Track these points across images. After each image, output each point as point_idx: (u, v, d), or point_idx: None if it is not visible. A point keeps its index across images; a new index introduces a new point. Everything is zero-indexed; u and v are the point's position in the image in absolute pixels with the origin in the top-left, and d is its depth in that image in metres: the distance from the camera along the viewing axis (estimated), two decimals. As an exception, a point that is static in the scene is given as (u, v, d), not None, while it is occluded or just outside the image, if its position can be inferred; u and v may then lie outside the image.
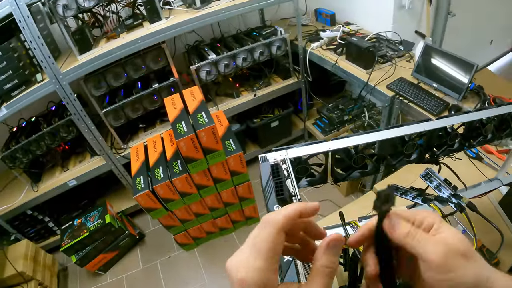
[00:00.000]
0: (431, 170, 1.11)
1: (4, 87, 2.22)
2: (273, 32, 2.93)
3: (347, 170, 1.00)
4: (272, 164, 0.47)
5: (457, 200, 0.99)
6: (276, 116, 3.25)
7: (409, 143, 0.98)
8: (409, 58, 2.53)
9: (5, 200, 2.75)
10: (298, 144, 0.90)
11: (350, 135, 0.93)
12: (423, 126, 0.95)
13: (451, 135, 1.00)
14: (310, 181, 1.00)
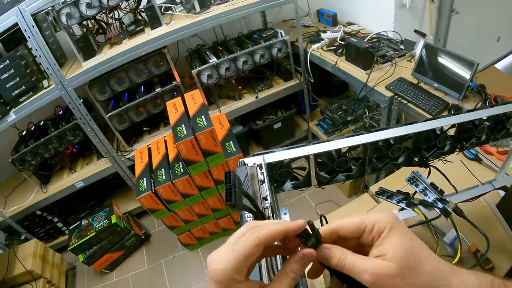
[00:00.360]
0: (417, 173, 1.08)
1: (12, 93, 2.33)
2: (274, 34, 2.96)
3: (331, 173, 0.99)
4: (226, 172, 0.51)
5: (442, 205, 0.97)
6: (279, 118, 3.28)
7: (395, 146, 0.95)
8: (410, 57, 2.52)
9: (16, 201, 2.86)
10: (279, 149, 0.91)
11: (331, 139, 0.92)
12: (406, 129, 0.92)
13: (440, 137, 0.96)
14: (294, 185, 1.00)
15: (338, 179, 1.02)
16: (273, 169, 0.94)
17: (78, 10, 2.19)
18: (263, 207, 0.69)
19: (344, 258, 0.44)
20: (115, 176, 3.08)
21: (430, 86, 2.22)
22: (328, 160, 0.96)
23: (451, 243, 1.14)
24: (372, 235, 0.44)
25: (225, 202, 0.48)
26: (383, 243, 0.43)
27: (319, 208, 2.89)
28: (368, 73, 2.41)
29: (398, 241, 0.42)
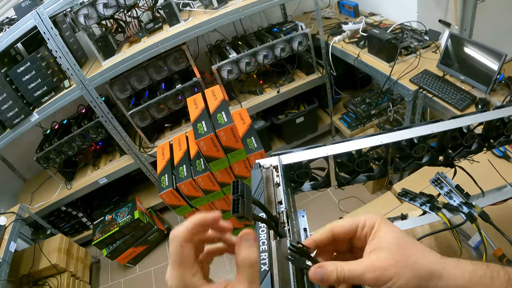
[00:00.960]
0: (442, 174, 1.03)
1: (35, 94, 2.40)
2: (294, 27, 2.91)
3: (352, 173, 0.96)
4: (234, 181, 0.49)
5: (468, 209, 0.92)
6: (301, 112, 3.23)
7: (419, 146, 0.90)
8: (435, 48, 2.42)
9: (41, 198, 2.96)
10: (296, 149, 0.89)
11: (351, 139, 0.89)
12: (431, 127, 0.87)
13: (467, 136, 0.90)
14: (313, 185, 0.97)
15: (359, 179, 0.99)
16: (291, 170, 0.92)
17: (95, 11, 2.21)
18: (278, 211, 0.68)
19: (340, 268, 0.45)
20: (138, 172, 3.13)
21: (456, 78, 2.12)
22: (348, 161, 0.93)
23: (476, 246, 1.08)
24: (365, 231, 0.48)
25: (231, 213, 0.46)
26: (376, 236, 0.47)
27: (342, 204, 2.85)
28: (391, 65, 2.33)
29: (389, 231, 0.46)
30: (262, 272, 0.54)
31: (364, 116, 3.12)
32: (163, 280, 1.45)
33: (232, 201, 0.46)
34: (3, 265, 2.21)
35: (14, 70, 2.33)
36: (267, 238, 0.61)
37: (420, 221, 1.01)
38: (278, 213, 0.67)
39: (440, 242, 1.14)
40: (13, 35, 2.18)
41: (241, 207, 0.45)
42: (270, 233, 0.62)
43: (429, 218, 0.98)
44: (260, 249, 0.58)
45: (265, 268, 0.54)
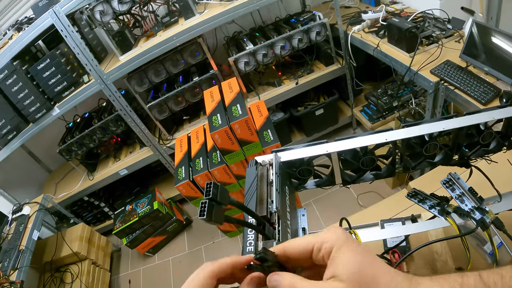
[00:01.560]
0: (454, 175, 0.93)
1: (55, 89, 2.50)
2: (312, 17, 2.85)
3: (357, 171, 0.93)
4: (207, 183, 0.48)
5: (480, 215, 0.84)
6: (320, 104, 3.17)
7: (430, 143, 0.85)
8: (458, 38, 2.31)
9: (65, 188, 3.08)
10: (296, 145, 0.86)
11: (354, 136, 0.85)
12: (443, 124, 0.81)
13: (484, 134, 0.84)
14: (318, 183, 0.95)
15: (366, 178, 0.96)
16: (292, 166, 0.90)
17: (110, 7, 2.25)
18: (270, 211, 0.65)
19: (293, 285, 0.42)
20: (158, 163, 3.18)
21: (480, 70, 2.01)
22: (352, 158, 0.90)
23: (491, 253, 1.01)
24: (321, 255, 0.43)
25: (198, 217, 0.45)
26: (334, 263, 0.42)
27: (361, 199, 2.80)
28: (411, 56, 2.25)
29: (348, 259, 0.41)
30: None
31: (386, 108, 3.04)
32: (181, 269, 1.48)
33: (199, 204, 0.46)
34: (26, 252, 2.31)
35: (35, 67, 2.42)
36: (255, 239, 0.60)
37: (429, 225, 0.96)
38: (269, 213, 0.65)
39: (453, 246, 1.10)
40: (31, 33, 2.26)
41: (207, 211, 0.45)
42: (258, 235, 0.61)
43: (440, 223, 0.92)
44: (247, 250, 0.58)
45: None
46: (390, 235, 0.97)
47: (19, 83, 2.41)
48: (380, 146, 0.86)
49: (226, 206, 0.50)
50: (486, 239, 1.05)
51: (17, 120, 2.59)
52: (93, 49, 2.51)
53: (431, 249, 1.13)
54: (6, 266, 2.24)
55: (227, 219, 0.49)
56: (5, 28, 2.86)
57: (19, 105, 2.50)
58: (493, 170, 0.93)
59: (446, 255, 1.09)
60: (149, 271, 3.05)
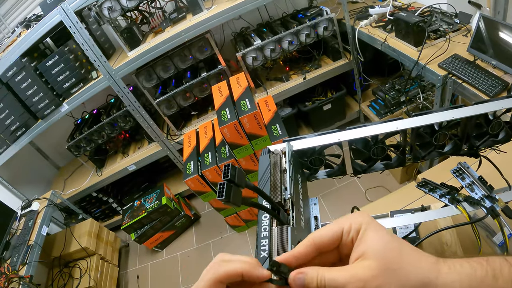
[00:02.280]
0: (464, 164, 0.95)
1: (64, 85, 2.53)
2: (319, 12, 2.85)
3: (368, 161, 0.92)
4: (225, 165, 0.49)
5: (490, 203, 0.84)
6: (328, 99, 3.17)
7: (440, 133, 0.85)
8: (465, 32, 2.30)
9: (73, 184, 3.11)
10: (308, 135, 0.86)
11: (365, 125, 0.84)
12: (452, 113, 0.80)
13: (493, 123, 0.83)
14: (329, 172, 0.95)
15: (376, 167, 0.95)
16: (304, 156, 0.90)
17: (118, 3, 2.27)
18: (284, 198, 0.66)
19: (321, 276, 0.41)
20: (167, 159, 3.20)
21: (488, 63, 2.00)
22: (363, 147, 0.89)
23: (501, 244, 1.01)
24: (350, 236, 0.42)
25: (217, 197, 0.45)
26: (362, 242, 0.41)
27: (369, 194, 2.80)
28: (419, 50, 2.24)
29: (376, 236, 0.41)
30: (261, 259, 0.53)
31: (393, 103, 3.03)
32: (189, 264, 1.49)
33: (218, 186, 0.46)
34: (35, 248, 2.34)
35: (44, 63, 2.45)
36: (269, 224, 0.60)
37: (440, 214, 0.93)
38: (283, 200, 0.65)
39: (463, 237, 1.09)
40: (40, 30, 2.29)
41: (226, 192, 0.45)
42: (273, 220, 0.61)
43: (450, 211, 0.91)
44: (261, 235, 0.58)
45: (264, 255, 0.54)
46: (400, 224, 0.96)
47: (28, 80, 2.44)
48: (391, 135, 0.85)
49: (243, 189, 0.50)
50: (495, 230, 1.06)
51: (26, 117, 2.62)
52: (101, 46, 2.53)
53: (441, 240, 1.12)
54: (15, 261, 2.26)
55: (244, 202, 0.50)
56: (13, 26, 2.89)
57: (28, 101, 2.52)
58: (503, 161, 0.92)
59: (455, 246, 1.09)
60: (157, 266, 3.07)
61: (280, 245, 0.54)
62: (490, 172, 0.90)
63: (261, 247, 0.55)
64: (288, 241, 0.54)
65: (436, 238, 1.15)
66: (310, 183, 0.96)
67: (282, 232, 0.56)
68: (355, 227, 0.42)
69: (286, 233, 0.55)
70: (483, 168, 0.90)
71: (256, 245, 0.56)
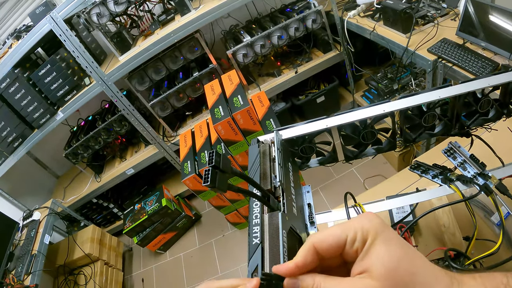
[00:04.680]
0: (455, 144, 0.95)
1: (57, 94, 2.54)
2: (306, 5, 2.86)
3: (359, 146, 0.94)
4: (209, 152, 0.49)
5: (483, 181, 0.84)
6: (321, 91, 3.18)
7: (428, 114, 0.86)
8: (453, 16, 2.31)
9: (73, 192, 3.12)
10: (297, 123, 0.86)
11: (352, 110, 0.85)
12: (438, 93, 0.80)
13: (482, 101, 0.85)
14: (321, 160, 0.96)
15: (368, 152, 0.96)
16: (294, 144, 0.91)
17: (107, 9, 2.28)
18: (274, 185, 0.66)
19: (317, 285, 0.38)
20: (164, 161, 3.21)
21: (477, 46, 2.02)
22: (352, 133, 0.91)
23: (499, 223, 1.01)
24: (355, 247, 0.38)
25: (203, 184, 0.46)
26: (367, 255, 0.37)
27: (368, 183, 2.81)
28: (408, 36, 2.25)
29: (384, 252, 0.36)
30: (253, 245, 0.53)
31: (387, 91, 3.03)
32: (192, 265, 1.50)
33: (204, 172, 0.46)
34: (39, 257, 2.35)
35: (36, 73, 2.46)
36: (260, 212, 0.61)
37: (433, 194, 0.94)
38: (274, 187, 0.66)
39: (460, 217, 1.11)
40: (31, 40, 2.30)
41: (211, 178, 0.46)
42: (264, 207, 0.62)
43: (444, 191, 0.91)
44: (253, 223, 0.58)
45: (256, 242, 0.54)
46: (395, 205, 0.97)
47: (21, 91, 2.45)
48: (380, 118, 0.87)
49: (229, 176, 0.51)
50: (493, 209, 1.06)
51: (22, 127, 2.63)
52: (92, 52, 2.53)
53: (438, 222, 1.14)
54: (20, 271, 2.28)
55: (230, 187, 0.50)
56: (4, 38, 2.89)
57: (23, 112, 2.53)
58: (495, 139, 0.94)
59: (453, 227, 1.10)
60: (161, 268, 3.08)
61: (272, 231, 0.54)
62: (483, 151, 0.91)
63: (253, 234, 0.55)
64: (279, 227, 0.53)
65: (433, 220, 1.16)
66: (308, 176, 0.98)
67: (273, 218, 0.56)
68: (361, 237, 0.37)
69: (277, 219, 0.55)
70: (476, 149, 0.92)
71: (248, 233, 0.56)
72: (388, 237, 0.37)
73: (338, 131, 0.88)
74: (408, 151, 2.77)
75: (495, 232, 1.05)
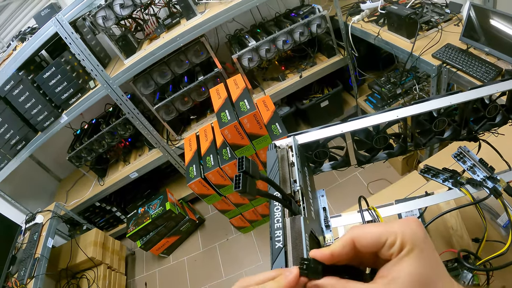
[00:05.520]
0: (464, 148, 0.96)
1: (62, 97, 2.54)
2: (311, 10, 2.87)
3: (371, 151, 0.95)
4: (238, 158, 0.50)
5: (492, 184, 0.86)
6: (325, 96, 3.19)
7: (439, 119, 0.87)
8: (457, 21, 2.33)
9: (76, 195, 3.11)
10: (312, 128, 0.88)
11: (366, 115, 0.87)
12: (449, 99, 0.83)
13: (490, 107, 0.87)
14: (333, 165, 0.97)
15: (379, 157, 0.97)
16: (308, 149, 0.92)
17: (113, 12, 2.28)
18: (293, 190, 0.67)
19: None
20: (168, 165, 3.21)
21: (480, 51, 2.03)
22: (365, 138, 0.92)
23: (505, 225, 1.03)
24: (391, 251, 0.39)
25: (234, 189, 0.46)
26: (398, 264, 0.38)
27: (371, 187, 2.81)
28: (412, 41, 2.26)
29: (416, 267, 0.37)
30: (276, 249, 0.54)
31: (390, 96, 3.04)
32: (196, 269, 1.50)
33: (234, 177, 0.47)
34: (42, 260, 2.34)
35: (41, 76, 2.45)
36: (282, 216, 0.61)
37: (443, 197, 0.95)
38: (293, 192, 0.67)
39: (468, 220, 1.11)
40: (35, 43, 2.30)
41: (242, 183, 0.46)
42: (285, 211, 0.62)
43: (454, 194, 0.93)
44: (275, 227, 0.59)
45: (279, 245, 0.54)
46: (405, 209, 0.97)
47: (25, 93, 2.44)
48: (392, 124, 0.88)
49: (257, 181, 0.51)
50: (499, 211, 1.07)
51: (26, 130, 2.62)
52: (97, 55, 2.53)
53: (446, 225, 1.14)
54: (23, 275, 2.27)
55: (259, 192, 0.51)
56: (8, 39, 2.89)
57: (27, 114, 2.52)
58: (501, 143, 0.96)
59: (461, 229, 1.10)
60: (164, 272, 3.07)
61: (294, 234, 0.55)
62: (489, 155, 0.93)
63: (275, 238, 0.55)
64: (302, 230, 0.54)
65: (441, 223, 1.16)
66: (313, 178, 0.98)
67: (295, 222, 0.57)
68: (399, 245, 0.38)
69: (299, 223, 0.56)
70: (483, 152, 0.93)
71: (270, 237, 0.57)
72: (420, 255, 0.38)
73: (351, 136, 0.89)
74: (412, 155, 2.78)
75: (501, 233, 1.06)
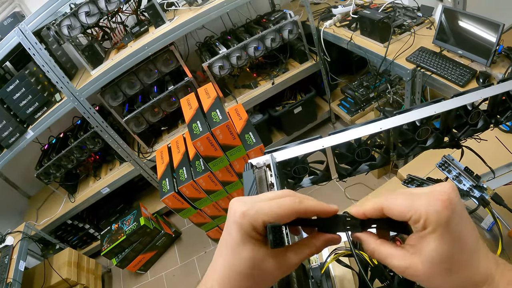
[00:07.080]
0: (449, 157, 0.96)
1: (27, 111, 2.42)
2: (283, 16, 2.85)
3: (353, 164, 0.92)
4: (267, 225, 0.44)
5: (480, 193, 0.87)
6: (298, 102, 3.18)
7: (422, 128, 0.86)
8: (429, 24, 2.36)
9: (46, 213, 2.98)
10: (290, 144, 0.84)
11: (348, 128, 0.84)
12: (434, 108, 0.82)
13: (472, 113, 0.86)
14: (313, 179, 0.94)
15: (361, 169, 0.95)
16: (287, 166, 0.88)
17: (78, 20, 2.19)
18: None
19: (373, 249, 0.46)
20: (141, 178, 3.11)
21: (454, 53, 2.06)
22: (347, 151, 0.89)
23: (489, 228, 1.03)
24: (416, 227, 0.41)
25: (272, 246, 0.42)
26: (422, 240, 0.40)
27: (348, 192, 2.81)
28: (386, 46, 2.27)
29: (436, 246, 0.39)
30: None
31: (363, 100, 3.07)
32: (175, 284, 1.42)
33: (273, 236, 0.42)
34: (14, 285, 2.22)
35: (4, 89, 2.34)
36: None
37: None
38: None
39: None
40: (-2, 54, 2.18)
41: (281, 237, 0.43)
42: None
43: None
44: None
45: None
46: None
47: (-12, 108, 2.32)
48: (375, 135, 0.86)
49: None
50: (482, 215, 1.07)
51: (-10, 147, 2.49)
52: (63, 66, 2.43)
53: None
54: (-5, 302, 2.14)
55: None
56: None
57: (-10, 131, 2.40)
58: (483, 148, 0.95)
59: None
60: (143, 289, 2.99)
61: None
62: (472, 161, 0.92)
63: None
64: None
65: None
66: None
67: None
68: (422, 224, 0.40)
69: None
70: (465, 158, 0.93)
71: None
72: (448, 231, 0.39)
73: (332, 150, 0.86)
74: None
75: (486, 237, 1.06)
